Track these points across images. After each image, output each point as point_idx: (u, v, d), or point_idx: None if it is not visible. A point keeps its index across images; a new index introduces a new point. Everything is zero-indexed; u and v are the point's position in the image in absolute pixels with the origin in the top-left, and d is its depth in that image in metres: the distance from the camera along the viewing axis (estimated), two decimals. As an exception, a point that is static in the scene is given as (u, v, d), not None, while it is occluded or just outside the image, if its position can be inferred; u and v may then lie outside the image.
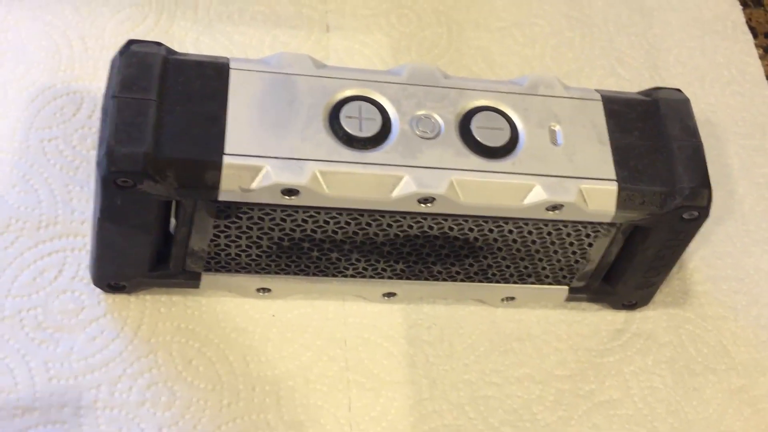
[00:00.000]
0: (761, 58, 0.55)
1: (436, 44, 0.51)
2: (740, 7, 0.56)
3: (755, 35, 0.56)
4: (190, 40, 0.47)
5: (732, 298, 0.46)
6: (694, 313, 0.45)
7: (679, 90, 0.39)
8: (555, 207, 0.35)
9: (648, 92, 0.39)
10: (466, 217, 0.36)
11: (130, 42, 0.34)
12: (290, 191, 0.33)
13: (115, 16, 0.47)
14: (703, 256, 0.47)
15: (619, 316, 0.44)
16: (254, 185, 0.33)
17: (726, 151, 0.51)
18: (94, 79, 0.45)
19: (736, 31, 0.55)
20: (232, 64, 0.34)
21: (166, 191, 0.33)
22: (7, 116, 0.43)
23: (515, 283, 0.41)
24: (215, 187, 0.33)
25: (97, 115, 0.44)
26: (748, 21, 0.56)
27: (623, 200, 0.35)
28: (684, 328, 0.45)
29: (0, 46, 0.45)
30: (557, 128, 0.36)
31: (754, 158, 0.51)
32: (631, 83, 0.52)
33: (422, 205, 0.34)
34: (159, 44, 0.34)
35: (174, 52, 0.35)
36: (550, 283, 0.42)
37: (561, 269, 0.40)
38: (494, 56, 0.51)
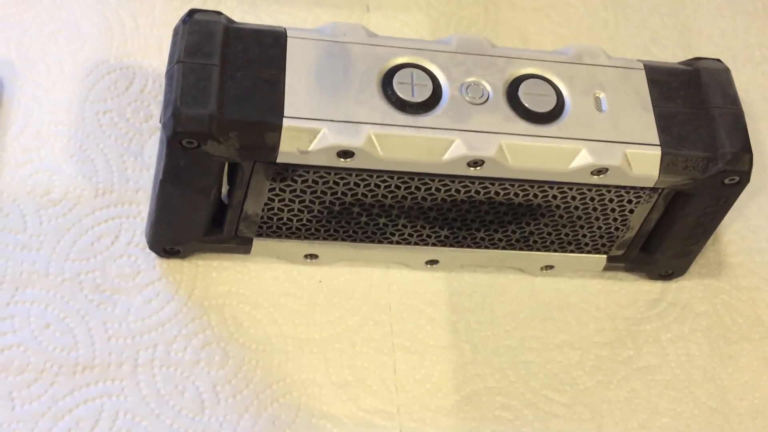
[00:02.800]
0: (793, 38, 0.55)
1: (473, 23, 0.52)
2: (772, -12, 0.57)
3: (787, 16, 0.56)
4: (236, 18, 0.49)
5: (766, 269, 0.47)
6: (729, 284, 0.46)
7: (719, 60, 0.40)
8: (600, 171, 0.36)
9: (689, 62, 0.40)
10: (512, 181, 0.37)
11: (192, 11, 0.35)
12: (346, 153, 0.34)
13: (165, -6, 0.49)
14: (737, 230, 0.48)
15: (656, 286, 0.45)
16: (312, 147, 0.34)
17: (759, 128, 0.52)
18: (146, 56, 0.47)
19: (768, 12, 0.56)
20: (289, 32, 0.36)
21: (228, 152, 0.34)
22: (64, 90, 0.45)
23: (555, 251, 0.42)
24: (275, 148, 0.34)
25: (149, 89, 0.46)
26: (780, 2, 0.57)
27: (666, 164, 0.36)
28: (719, 298, 0.45)
29: (55, 24, 0.47)
30: (602, 95, 0.37)
31: (786, 136, 0.52)
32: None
33: (471, 168, 0.36)
34: (219, 13, 0.36)
35: (233, 21, 0.36)
36: (589, 252, 0.43)
37: (601, 236, 0.41)
38: (530, 35, 0.52)
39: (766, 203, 0.49)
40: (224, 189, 0.39)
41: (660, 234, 0.41)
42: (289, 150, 0.34)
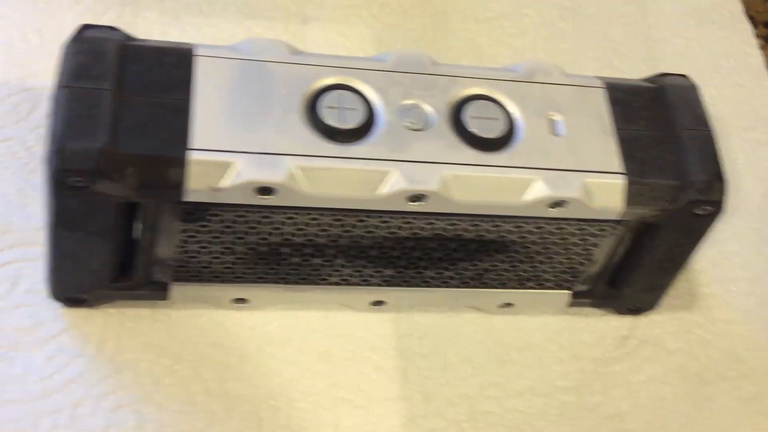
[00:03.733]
0: (761, 47, 0.53)
1: (421, 35, 0.48)
2: (738, -4, 0.54)
3: (755, 25, 0.53)
4: (156, 33, 0.44)
5: (742, 300, 0.43)
6: (702, 317, 0.42)
7: (685, 76, 0.36)
8: (557, 203, 0.32)
9: (653, 79, 0.36)
10: (460, 217, 0.33)
11: (85, 27, 0.31)
12: (265, 189, 0.30)
13: (74, 7, 0.44)
14: (710, 257, 0.44)
15: (624, 322, 0.41)
16: (224, 183, 0.30)
17: (729, 145, 0.48)
18: (52, 76, 0.42)
19: (734, 20, 0.53)
20: (197, 51, 0.31)
21: (126, 192, 0.29)
22: (-43, 116, 0.40)
23: (514, 288, 0.38)
24: (180, 186, 0.29)
25: (56, 114, 0.41)
26: (747, 10, 0.54)
27: (632, 195, 0.32)
28: (693, 333, 0.42)
29: (-51, 41, 0.42)
30: (557, 118, 0.33)
31: (758, 152, 0.48)
32: (628, 75, 0.49)
33: (412, 203, 0.31)
34: (114, 29, 0.31)
35: (132, 38, 0.31)
36: (551, 288, 0.39)
37: (563, 272, 0.37)
38: (483, 48, 0.48)
39: (739, 227, 0.45)
40: (136, 226, 0.34)
41: (628, 267, 0.38)
42: (197, 187, 0.30)
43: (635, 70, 0.50)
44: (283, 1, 0.47)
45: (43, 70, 0.42)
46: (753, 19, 0.54)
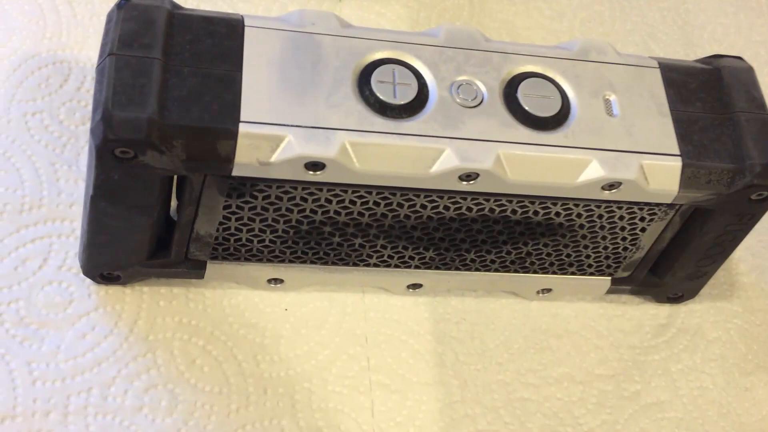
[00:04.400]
0: (799, 36, 0.52)
1: (457, 16, 0.47)
2: (776, -18, 0.53)
3: (792, 12, 0.52)
4: (190, 5, 0.43)
5: (781, 290, 0.43)
6: (741, 307, 0.42)
7: (740, 58, 0.35)
8: (612, 186, 0.31)
9: (708, 60, 0.35)
10: (510, 197, 0.32)
11: (129, -7, 0.29)
12: (315, 165, 0.29)
13: (106, -23, 0.43)
14: (749, 246, 0.44)
15: (663, 310, 0.41)
16: (274, 158, 0.29)
17: None
18: (84, 48, 0.41)
19: (772, 7, 0.52)
20: (247, 21, 0.30)
21: (172, 164, 0.28)
22: (-14, 87, 0.39)
23: (554, 273, 0.37)
24: (229, 159, 0.28)
25: (87, 87, 0.40)
26: (784, -3, 0.53)
27: (687, 178, 0.31)
28: (732, 323, 0.41)
29: (-23, 10, 0.41)
30: (612, 97, 0.32)
31: (797, 141, 0.48)
32: (667, 60, 0.48)
33: (463, 182, 0.30)
34: (162, -4, 0.30)
35: (180, 7, 0.30)
36: (592, 274, 0.38)
37: (607, 257, 0.37)
38: (519, 30, 0.47)
39: (778, 216, 0.45)
40: (174, 203, 0.33)
41: (673, 254, 0.37)
42: (246, 161, 0.29)
43: (672, 55, 0.49)
44: (318, -24, 0.46)
45: (74, 42, 0.41)
46: (790, 7, 0.53)
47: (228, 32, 0.30)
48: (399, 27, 0.46)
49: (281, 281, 0.36)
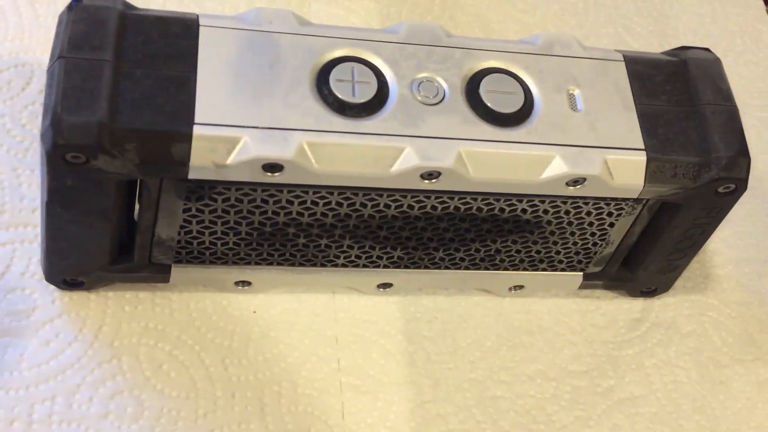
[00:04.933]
0: (774, 25, 0.51)
1: (428, 10, 0.46)
2: (751, -29, 0.53)
3: (767, 2, 0.52)
4: (155, 4, 0.42)
5: (756, 281, 0.42)
6: (716, 299, 0.42)
7: (708, 49, 0.35)
8: (576, 181, 0.31)
9: (674, 52, 0.34)
10: (474, 195, 0.31)
11: (81, -6, 0.29)
12: (273, 166, 0.28)
13: (68, -23, 0.42)
14: (724, 237, 0.43)
15: (637, 304, 0.40)
16: (230, 160, 0.28)
17: (743, 124, 0.47)
18: (46, 50, 0.40)
19: (748, -4, 0.52)
20: (201, 21, 0.30)
21: (126, 168, 0.28)
22: (-55, 91, 0.38)
23: (525, 270, 0.37)
24: (184, 162, 0.28)
25: (50, 89, 0.39)
26: (760, -14, 0.52)
27: (653, 172, 0.31)
28: (707, 316, 0.41)
29: (-64, 13, 0.40)
30: (576, 92, 0.32)
31: (772, 131, 0.47)
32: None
33: (425, 181, 0.30)
34: (115, -3, 0.29)
35: (132, 7, 0.30)
36: (563, 269, 0.38)
37: (577, 253, 0.36)
38: (492, 24, 0.47)
39: (754, 207, 0.44)
40: (137, 206, 0.32)
41: (643, 248, 0.36)
42: (202, 164, 0.28)
43: (647, 47, 0.48)
44: (285, -28, 0.45)
45: (36, 44, 0.40)
46: (765, -4, 0.52)
47: (182, 32, 0.29)
48: (368, 22, 0.45)
49: (249, 283, 0.36)
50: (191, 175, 0.29)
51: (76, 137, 0.26)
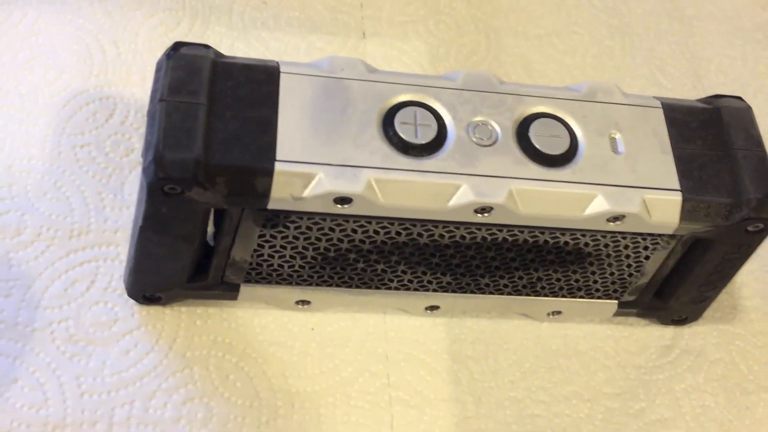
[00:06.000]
0: (802, 68, 0.54)
1: (474, 52, 0.50)
2: (780, 17, 0.55)
3: (795, 45, 0.55)
4: (224, 46, 0.46)
5: (782, 313, 0.45)
6: (744, 329, 0.44)
7: (740, 98, 0.37)
8: (616, 218, 0.34)
9: (708, 100, 0.37)
10: (522, 228, 0.34)
11: (178, 44, 0.33)
12: (343, 200, 0.32)
13: (148, 20, 0.46)
14: (751, 271, 0.46)
15: (668, 332, 0.43)
16: (306, 193, 0.31)
17: (771, 162, 0.50)
18: (127, 84, 0.44)
19: (777, 40, 0.54)
20: (282, 68, 0.33)
21: (215, 199, 0.31)
22: (38, 123, 0.42)
23: (564, 296, 0.40)
24: (266, 195, 0.31)
25: (131, 121, 0.43)
26: (788, 30, 0.55)
27: (687, 211, 0.34)
28: (734, 345, 0.43)
29: (31, 51, 0.44)
30: (618, 136, 0.35)
31: (799, 170, 0.50)
32: (674, 92, 0.51)
33: (478, 215, 0.33)
34: (207, 47, 0.33)
35: (222, 55, 0.33)
36: (599, 297, 0.40)
37: (613, 283, 0.39)
38: (534, 64, 0.50)
39: (780, 242, 0.47)
40: (210, 229, 0.36)
41: (676, 280, 0.39)
42: (281, 196, 0.31)
43: (680, 87, 0.51)
44: (343, 16, 0.49)
45: (118, 79, 0.44)
46: (794, 40, 0.55)
47: (265, 78, 0.33)
48: (419, 61, 0.49)
49: (308, 302, 0.39)
50: (270, 206, 0.32)
51: (175, 172, 0.30)
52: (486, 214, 0.33)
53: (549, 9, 0.52)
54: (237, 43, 0.46)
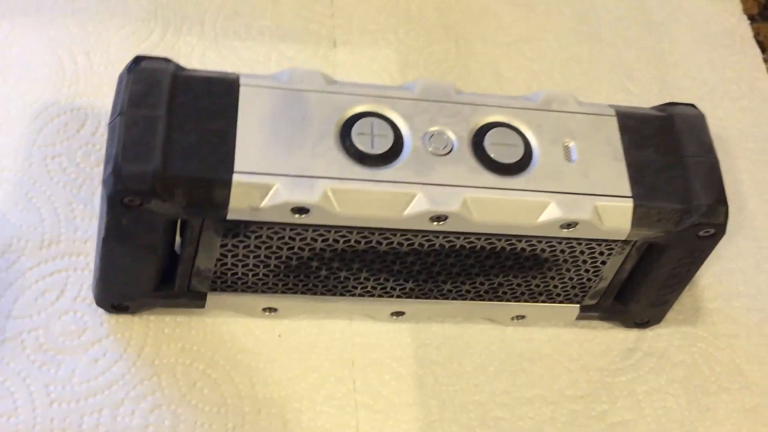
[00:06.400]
0: (769, 72, 0.54)
1: (444, 59, 0.50)
2: (748, 22, 0.56)
3: (763, 50, 0.55)
4: (196, 56, 0.47)
5: (744, 315, 0.45)
6: (706, 331, 0.44)
7: (693, 105, 0.38)
8: (569, 225, 0.34)
9: (662, 107, 0.38)
10: (478, 235, 0.35)
11: (138, 58, 0.33)
12: (301, 210, 0.32)
13: (120, 31, 0.47)
14: (715, 273, 0.46)
15: (631, 335, 0.44)
16: (264, 204, 0.32)
17: (736, 166, 0.50)
18: (99, 95, 0.45)
19: (745, 45, 0.55)
20: (242, 80, 0.34)
21: (174, 210, 0.32)
22: (11, 134, 0.43)
23: (526, 301, 0.41)
24: (224, 205, 0.32)
25: (102, 131, 0.44)
26: (756, 35, 0.56)
27: (639, 218, 0.35)
28: (696, 347, 0.44)
29: (4, 62, 0.45)
30: (571, 144, 0.35)
31: (764, 174, 0.50)
32: (641, 98, 0.51)
33: (434, 223, 0.34)
34: (167, 60, 0.34)
35: (182, 69, 0.34)
36: (561, 302, 0.41)
37: (573, 287, 0.40)
38: (503, 71, 0.51)
39: (743, 245, 0.47)
40: (178, 238, 0.37)
41: (634, 283, 0.40)
42: (239, 207, 0.32)
43: (647, 93, 0.52)
44: (314, 25, 0.50)
45: (90, 90, 0.45)
46: (762, 45, 0.56)
47: (225, 90, 0.33)
48: (389, 69, 0.49)
49: (275, 310, 0.40)
50: (229, 216, 0.33)
51: (134, 184, 0.31)
52: (442, 222, 0.34)
53: (518, 16, 0.53)
54: (208, 53, 0.47)
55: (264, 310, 0.39)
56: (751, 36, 0.55)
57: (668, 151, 0.36)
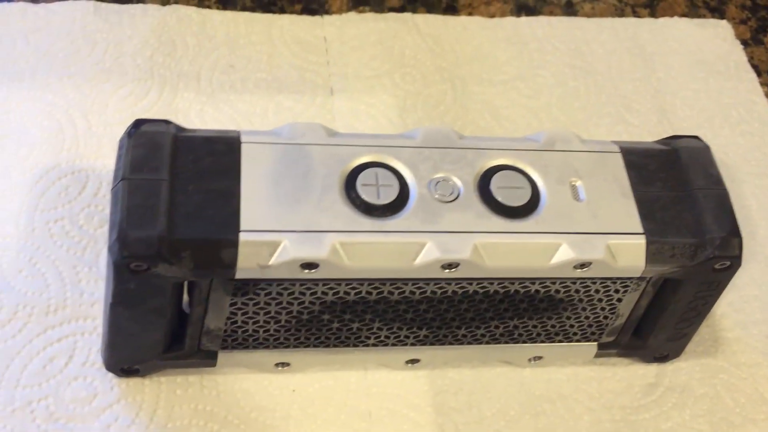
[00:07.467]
0: (767, 95, 0.55)
1: (441, 101, 0.50)
2: (741, 47, 0.56)
3: (759, 73, 0.56)
4: (194, 112, 0.47)
5: (764, 342, 0.45)
6: (727, 362, 0.44)
7: (697, 137, 0.38)
8: (583, 265, 0.34)
9: (666, 141, 0.38)
10: (491, 280, 0.35)
11: (138, 122, 0.33)
12: (309, 265, 0.32)
13: (117, 92, 0.47)
14: (731, 302, 0.46)
15: (651, 370, 0.43)
16: (272, 261, 0.32)
17: (742, 192, 0.50)
18: (99, 157, 0.44)
19: (739, 70, 0.55)
20: (242, 138, 0.34)
21: (182, 273, 0.32)
22: (12, 200, 0.42)
23: (542, 342, 0.40)
24: (232, 265, 0.32)
25: (103, 192, 0.43)
26: (750, 59, 0.56)
27: (652, 254, 0.34)
28: (718, 378, 0.43)
29: (1, 129, 0.45)
30: (578, 183, 0.35)
31: (770, 197, 0.50)
32: (641, 129, 0.51)
33: (446, 270, 0.33)
34: (167, 122, 0.33)
35: (183, 129, 0.34)
36: (578, 341, 0.40)
37: (589, 326, 0.39)
38: (500, 110, 0.51)
39: (756, 272, 0.47)
40: (185, 297, 0.36)
41: (652, 319, 0.39)
42: (248, 266, 0.32)
43: (646, 123, 0.52)
44: (310, 75, 0.50)
45: (90, 151, 0.44)
46: (757, 68, 0.56)
47: (226, 149, 0.33)
48: (387, 114, 0.49)
49: (288, 364, 0.39)
50: (238, 276, 0.32)
51: (140, 249, 0.30)
52: (453, 269, 0.33)
53: (512, 54, 0.53)
54: (206, 108, 0.47)
55: (276, 365, 0.39)
56: (745, 60, 0.56)
57: (676, 186, 0.36)
